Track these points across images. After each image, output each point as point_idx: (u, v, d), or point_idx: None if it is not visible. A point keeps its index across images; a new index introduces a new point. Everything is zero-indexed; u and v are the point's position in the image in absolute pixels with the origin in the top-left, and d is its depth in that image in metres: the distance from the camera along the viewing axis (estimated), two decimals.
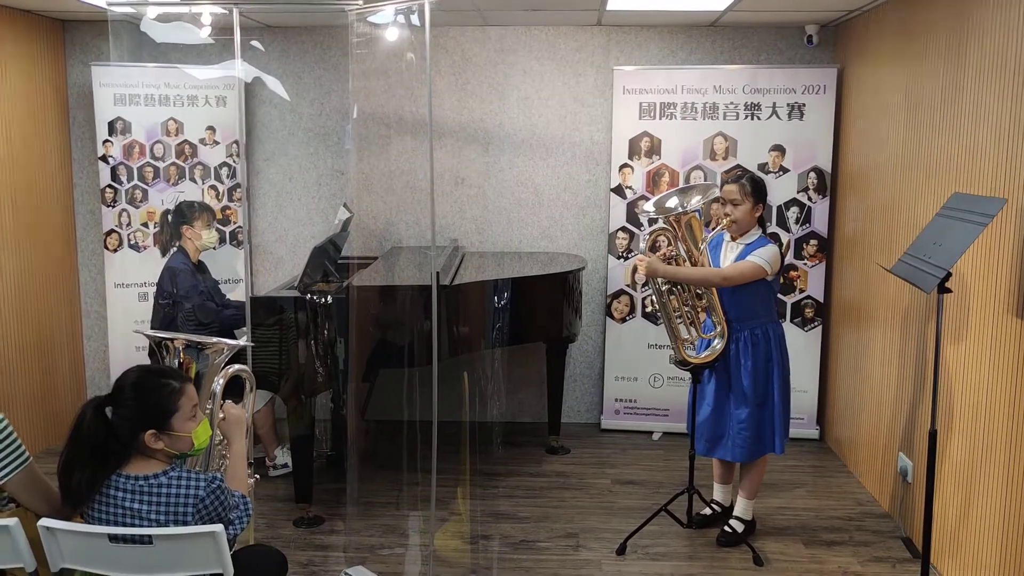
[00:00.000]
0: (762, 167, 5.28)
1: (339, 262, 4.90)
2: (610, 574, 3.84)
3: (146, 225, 5.40)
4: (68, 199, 5.57)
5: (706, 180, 5.29)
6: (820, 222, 5.33)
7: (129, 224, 5.38)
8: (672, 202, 3.90)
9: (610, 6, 4.75)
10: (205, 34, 4.19)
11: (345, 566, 3.77)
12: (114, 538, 2.26)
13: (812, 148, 5.27)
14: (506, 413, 5.79)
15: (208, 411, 2.61)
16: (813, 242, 5.34)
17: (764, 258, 3.83)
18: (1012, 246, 3.22)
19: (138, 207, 5.38)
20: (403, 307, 4.18)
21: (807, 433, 5.47)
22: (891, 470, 4.35)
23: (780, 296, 5.36)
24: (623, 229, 5.47)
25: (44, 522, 2.29)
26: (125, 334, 5.35)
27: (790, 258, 5.36)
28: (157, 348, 2.63)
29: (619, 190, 5.45)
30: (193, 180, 5.44)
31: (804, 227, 5.34)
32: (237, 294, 5.12)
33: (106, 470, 2.35)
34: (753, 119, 5.30)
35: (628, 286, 5.52)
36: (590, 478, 4.90)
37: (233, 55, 3.74)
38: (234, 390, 2.93)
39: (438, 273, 4.15)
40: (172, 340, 2.60)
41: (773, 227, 5.32)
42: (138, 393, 2.39)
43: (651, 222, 5.32)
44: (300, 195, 5.69)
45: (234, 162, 5.49)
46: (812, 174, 5.29)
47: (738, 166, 5.23)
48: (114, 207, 5.35)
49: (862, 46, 4.90)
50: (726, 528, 4.10)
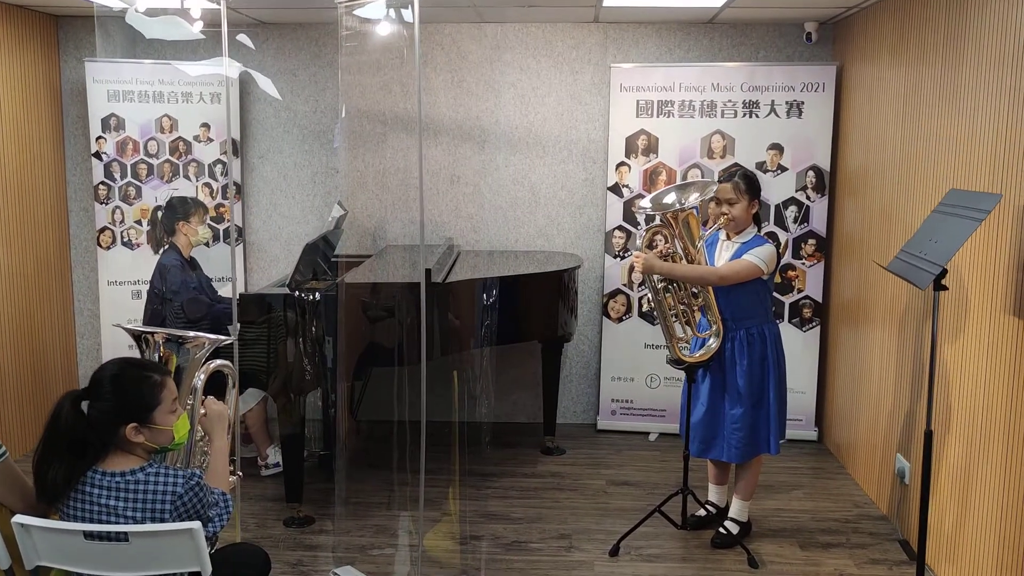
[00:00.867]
0: (760, 166, 5.24)
1: (332, 260, 4.86)
2: (603, 575, 3.79)
3: (139, 222, 5.36)
4: (61, 196, 5.53)
5: (703, 178, 5.24)
6: (819, 221, 5.28)
7: (122, 221, 5.35)
8: (670, 198, 3.85)
9: (607, 3, 4.71)
10: (197, 29, 4.15)
11: (334, 566, 3.72)
12: (89, 535, 2.22)
13: (811, 146, 5.22)
14: (501, 413, 5.75)
15: (189, 406, 2.57)
16: (811, 241, 5.29)
17: (760, 257, 3.79)
18: (1009, 244, 3.17)
19: (131, 204, 5.35)
20: (391, 305, 4.13)
21: (805, 434, 5.42)
22: (889, 472, 4.30)
23: (778, 296, 5.31)
24: (620, 228, 5.43)
25: (18, 519, 2.25)
26: (118, 332, 5.30)
27: (788, 257, 5.31)
28: (137, 342, 2.59)
29: (616, 188, 5.40)
30: (187, 177, 5.41)
31: (802, 226, 5.29)
32: (229, 291, 5.08)
33: (83, 465, 2.31)
34: (751, 117, 5.25)
35: (625, 285, 5.47)
36: (585, 479, 4.85)
37: (230, 50, 3.70)
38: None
39: (429, 271, 4.11)
40: (152, 334, 2.57)
41: (771, 226, 5.27)
42: (119, 386, 2.35)
43: (648, 219, 5.27)
44: (295, 193, 5.66)
45: (228, 159, 5.44)
46: (811, 173, 5.24)
47: (735, 164, 5.18)
48: (107, 204, 5.32)
49: (861, 43, 4.85)
50: (721, 530, 4.05)
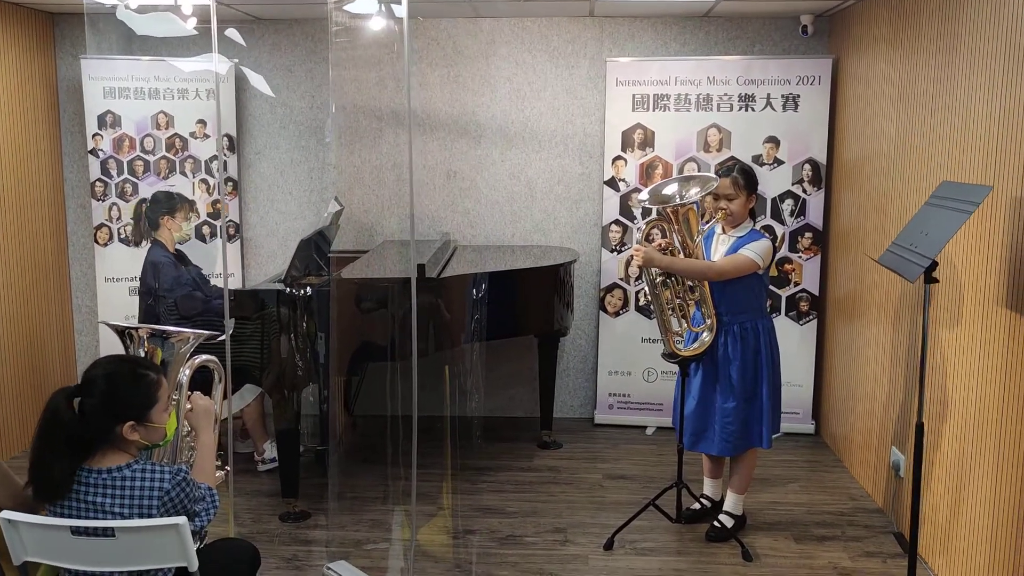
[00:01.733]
0: (756, 159, 5.23)
1: (329, 255, 4.86)
2: (596, 569, 3.79)
3: (136, 219, 5.37)
4: (58, 193, 5.55)
5: (700, 171, 5.23)
6: (815, 214, 5.27)
7: (119, 218, 5.36)
8: (670, 189, 3.85)
9: None
10: (190, 25, 4.16)
11: (328, 561, 3.73)
12: (76, 531, 2.23)
13: (807, 140, 5.21)
14: (498, 408, 5.75)
15: (175, 401, 2.58)
16: (808, 235, 5.28)
17: (756, 252, 3.79)
18: (1001, 236, 3.16)
19: (128, 201, 5.36)
20: (385, 300, 4.14)
21: (802, 428, 5.42)
22: (884, 465, 4.29)
23: (775, 289, 5.31)
24: (616, 222, 5.42)
25: (5, 514, 2.26)
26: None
27: (785, 251, 5.30)
28: (121, 338, 2.60)
29: (612, 183, 5.40)
30: (184, 174, 5.42)
31: (799, 219, 5.28)
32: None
33: (78, 460, 2.32)
34: (747, 110, 5.24)
35: (621, 280, 5.47)
36: (581, 473, 4.85)
37: (220, 46, 3.70)
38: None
39: (422, 266, 4.12)
40: (136, 329, 2.57)
41: (768, 219, 5.26)
42: (115, 384, 2.35)
43: (647, 212, 5.27)
44: (292, 188, 5.66)
45: (225, 155, 5.47)
46: (807, 166, 5.22)
47: (732, 158, 5.17)
48: (104, 201, 5.33)
49: (857, 36, 4.84)
50: (715, 523, 4.05)
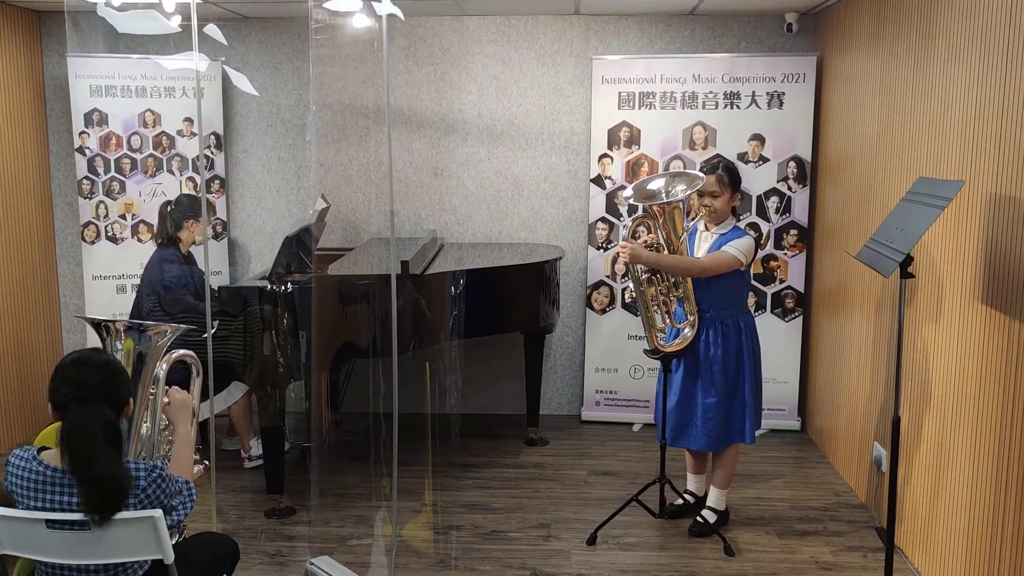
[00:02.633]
0: (742, 156, 5.25)
1: (313, 252, 4.87)
2: (579, 564, 3.81)
3: (124, 217, 5.38)
4: (45, 191, 5.56)
5: (688, 169, 5.25)
6: (800, 211, 5.29)
7: (107, 216, 5.37)
8: (656, 185, 3.87)
9: None
10: (174, 23, 4.16)
11: (311, 556, 3.74)
12: (52, 524, 2.24)
13: (792, 137, 5.23)
14: (485, 405, 5.77)
15: (152, 396, 2.59)
16: (793, 232, 5.30)
17: (740, 249, 3.82)
18: (977, 232, 3.19)
19: (115, 199, 5.36)
20: (366, 298, 4.15)
21: (788, 424, 5.44)
22: (867, 460, 4.32)
23: (761, 286, 5.33)
24: (603, 220, 5.44)
25: None
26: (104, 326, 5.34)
27: (771, 248, 5.33)
28: (97, 330, 2.61)
29: (599, 180, 5.42)
30: (171, 172, 5.43)
31: (784, 216, 5.30)
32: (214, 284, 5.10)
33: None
34: (732, 108, 5.26)
35: (608, 277, 5.49)
36: (567, 469, 4.87)
37: (203, 45, 3.71)
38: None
39: (406, 263, 4.13)
40: (113, 322, 2.59)
41: (753, 216, 5.28)
42: (112, 375, 2.35)
43: (634, 209, 5.29)
44: (279, 187, 5.67)
45: (212, 153, 5.47)
46: (792, 163, 5.25)
47: (717, 155, 5.18)
48: (91, 199, 5.34)
49: (841, 34, 4.86)
50: (698, 518, 4.07)
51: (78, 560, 2.29)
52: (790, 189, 5.27)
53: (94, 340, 5.33)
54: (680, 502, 4.21)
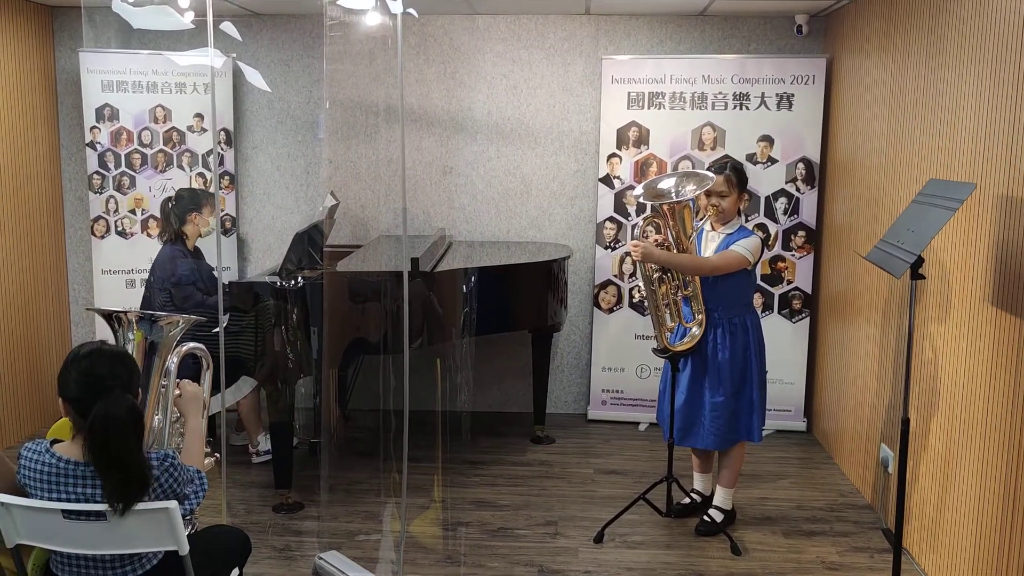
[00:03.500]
0: (750, 157, 5.26)
1: (323, 249, 4.89)
2: (586, 562, 3.82)
3: (134, 212, 5.40)
4: (56, 185, 5.58)
5: (698, 170, 5.25)
6: (808, 213, 5.30)
7: (117, 211, 5.39)
8: (666, 184, 3.88)
9: None
10: (188, 19, 4.18)
11: (319, 551, 3.76)
12: (68, 514, 2.25)
13: (801, 138, 5.24)
14: (493, 403, 5.79)
15: (163, 388, 2.61)
16: (801, 233, 5.31)
17: (747, 248, 3.83)
18: (988, 234, 3.20)
19: (125, 194, 5.39)
20: (376, 294, 4.17)
21: (794, 425, 5.45)
22: (873, 461, 4.33)
23: (768, 287, 5.34)
24: (611, 219, 5.45)
25: (0, 498, 2.29)
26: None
27: (778, 249, 5.34)
28: (109, 322, 2.62)
29: (607, 180, 5.43)
30: (181, 167, 5.45)
31: (792, 218, 5.31)
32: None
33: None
34: (742, 109, 5.27)
35: (615, 276, 5.50)
36: (573, 467, 4.89)
37: (216, 41, 3.73)
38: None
39: (416, 260, 4.15)
40: (125, 313, 2.60)
41: (761, 218, 5.30)
42: (128, 364, 2.37)
43: (641, 208, 5.31)
44: (288, 183, 5.69)
45: (222, 150, 5.49)
46: (800, 165, 5.26)
47: (725, 156, 5.19)
48: (101, 194, 5.36)
49: (851, 36, 4.87)
50: (705, 518, 4.09)
51: (94, 551, 2.31)
52: (798, 190, 5.28)
53: (103, 334, 5.37)
54: (687, 501, 4.22)
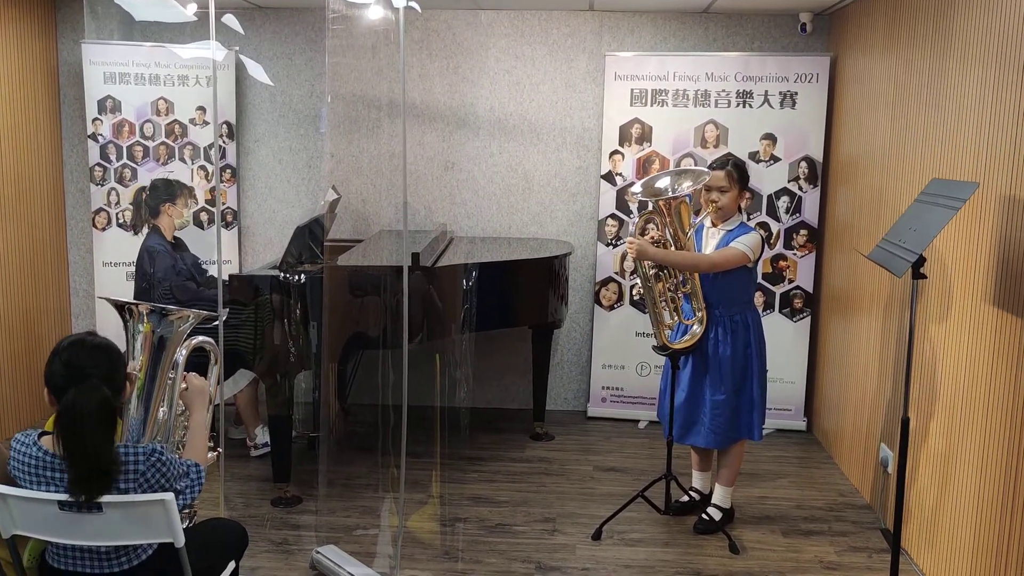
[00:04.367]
0: (753, 156, 5.24)
1: (323, 243, 4.88)
2: (584, 559, 3.82)
3: (135, 204, 5.40)
4: (58, 177, 5.57)
5: (697, 167, 5.25)
6: (810, 212, 5.28)
7: (118, 203, 5.38)
8: (663, 183, 3.87)
9: None
10: (190, 11, 4.17)
11: (317, 545, 3.76)
12: (64, 505, 2.25)
13: (804, 137, 5.23)
14: (492, 399, 5.78)
15: (171, 380, 2.60)
16: (803, 232, 5.30)
17: (747, 245, 3.82)
18: (990, 234, 3.19)
19: (127, 186, 5.38)
20: (376, 289, 4.16)
21: (794, 424, 5.44)
22: (873, 461, 4.32)
23: (769, 286, 5.33)
24: (612, 216, 5.44)
25: None
26: (113, 312, 5.33)
27: (780, 248, 5.32)
28: (121, 313, 2.62)
29: (609, 177, 5.42)
30: (183, 160, 5.44)
31: (794, 217, 5.30)
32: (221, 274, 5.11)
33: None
34: (745, 107, 5.26)
35: (616, 273, 5.49)
36: (572, 464, 4.88)
37: (218, 34, 3.72)
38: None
39: (417, 255, 4.14)
40: (136, 305, 2.60)
41: (763, 216, 5.28)
42: (110, 357, 2.36)
43: (642, 205, 5.30)
44: (290, 177, 5.68)
45: (224, 143, 5.49)
46: (803, 163, 5.24)
47: (728, 154, 5.18)
48: (103, 186, 5.35)
49: (855, 35, 4.85)
50: (703, 516, 4.08)
51: (89, 542, 2.31)
52: (801, 189, 5.27)
53: (104, 325, 5.37)
54: (686, 499, 4.21)
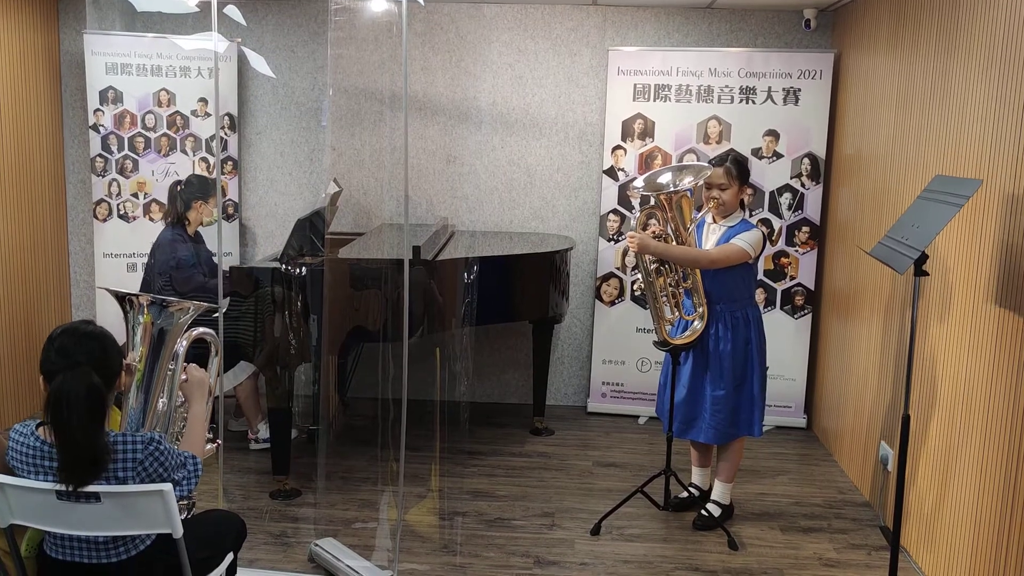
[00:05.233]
0: (756, 152, 5.23)
1: (325, 236, 4.87)
2: (582, 553, 3.82)
3: (136, 195, 5.39)
4: (59, 168, 5.57)
5: (699, 162, 5.24)
6: (813, 209, 5.27)
7: (119, 194, 5.37)
8: (664, 178, 3.86)
9: None
10: (192, 2, 4.17)
11: (316, 538, 3.76)
12: (62, 495, 2.24)
13: (807, 134, 5.22)
14: (491, 393, 5.78)
15: (171, 372, 2.60)
16: (805, 229, 5.29)
17: (748, 241, 3.81)
18: (993, 232, 3.18)
19: (128, 177, 5.37)
20: (377, 282, 4.15)
21: (794, 421, 5.43)
22: (873, 459, 4.31)
23: (771, 283, 5.32)
24: (614, 211, 5.43)
25: None
26: (113, 303, 5.33)
27: (782, 245, 5.31)
28: (121, 304, 2.62)
29: (611, 172, 5.41)
30: (184, 152, 5.43)
31: (797, 213, 5.29)
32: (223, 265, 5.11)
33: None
34: (748, 103, 5.24)
35: (618, 269, 5.48)
36: (572, 459, 4.88)
37: (221, 25, 3.71)
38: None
39: (418, 248, 4.13)
40: (137, 296, 2.60)
41: (765, 212, 5.27)
42: (103, 344, 2.35)
43: (644, 200, 5.29)
44: (291, 169, 5.67)
45: (226, 135, 5.48)
46: (806, 160, 5.23)
47: (731, 150, 5.16)
48: (104, 177, 5.34)
49: (859, 31, 4.84)
50: (703, 512, 4.08)
51: (88, 532, 2.30)
52: (803, 186, 5.26)
53: (104, 317, 5.37)
54: (685, 495, 4.21)
